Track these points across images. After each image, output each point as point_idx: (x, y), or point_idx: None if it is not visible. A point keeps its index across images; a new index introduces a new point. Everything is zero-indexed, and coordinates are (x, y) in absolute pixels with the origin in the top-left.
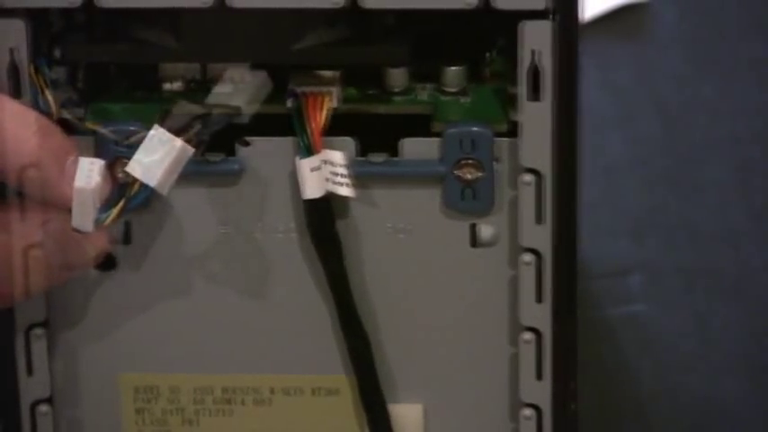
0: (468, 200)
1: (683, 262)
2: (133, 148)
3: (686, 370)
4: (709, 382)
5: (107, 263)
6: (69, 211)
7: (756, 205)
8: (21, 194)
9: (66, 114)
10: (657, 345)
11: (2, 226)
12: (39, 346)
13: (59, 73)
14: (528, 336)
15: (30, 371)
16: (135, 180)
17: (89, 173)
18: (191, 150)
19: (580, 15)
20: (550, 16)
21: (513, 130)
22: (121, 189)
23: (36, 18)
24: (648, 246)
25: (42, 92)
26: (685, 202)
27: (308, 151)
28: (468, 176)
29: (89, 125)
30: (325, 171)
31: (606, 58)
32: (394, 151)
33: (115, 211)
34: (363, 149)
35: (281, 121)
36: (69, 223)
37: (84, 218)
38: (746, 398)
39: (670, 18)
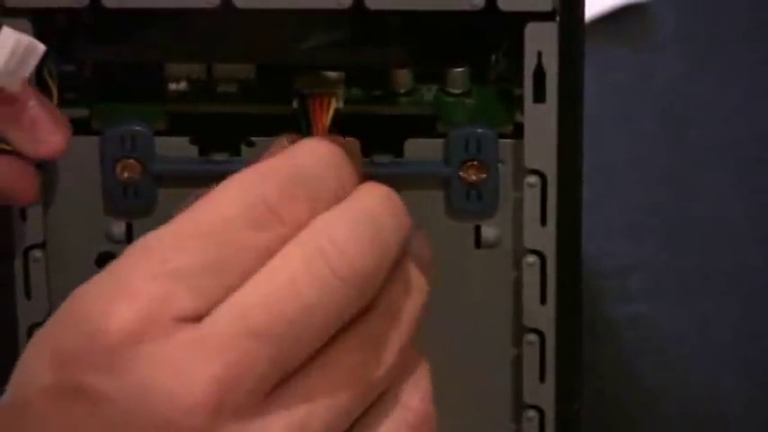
0: (473, 201)
1: (683, 262)
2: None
3: (686, 370)
4: (710, 382)
5: (107, 263)
6: None
7: (756, 205)
8: None
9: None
10: (657, 345)
11: None
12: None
13: (64, 73)
14: (531, 337)
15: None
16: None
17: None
18: (40, 48)
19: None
20: (557, 18)
21: (517, 132)
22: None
23: (42, 18)
24: (648, 245)
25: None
26: (685, 202)
27: None
28: (473, 178)
29: (94, 126)
30: None
31: (606, 59)
32: (398, 152)
33: None
34: (368, 150)
35: (287, 122)
36: None
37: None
38: (746, 398)
39: (669, 18)
